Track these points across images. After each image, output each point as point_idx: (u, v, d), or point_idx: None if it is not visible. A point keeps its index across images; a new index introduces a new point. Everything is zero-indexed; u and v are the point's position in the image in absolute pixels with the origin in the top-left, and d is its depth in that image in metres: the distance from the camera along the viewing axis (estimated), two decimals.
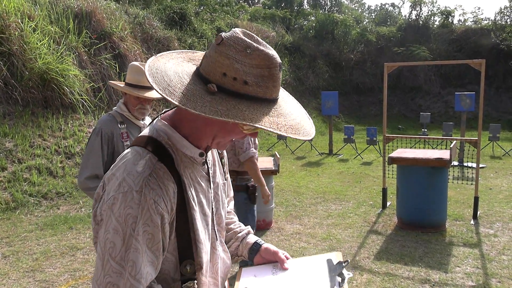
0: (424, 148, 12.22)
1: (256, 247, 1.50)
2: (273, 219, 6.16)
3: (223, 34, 1.12)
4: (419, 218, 5.66)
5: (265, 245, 1.50)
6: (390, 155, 5.86)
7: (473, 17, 27.38)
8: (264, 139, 14.30)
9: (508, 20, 22.14)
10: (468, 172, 9.51)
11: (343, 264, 1.38)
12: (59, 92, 8.61)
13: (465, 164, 10.48)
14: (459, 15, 43.29)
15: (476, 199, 6.22)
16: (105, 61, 10.32)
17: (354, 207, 6.94)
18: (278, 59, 1.12)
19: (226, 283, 1.49)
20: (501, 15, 22.43)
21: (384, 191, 6.81)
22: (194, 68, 1.18)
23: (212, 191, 1.32)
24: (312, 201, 7.36)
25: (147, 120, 3.04)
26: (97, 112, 9.38)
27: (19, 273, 4.43)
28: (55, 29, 9.44)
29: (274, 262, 1.47)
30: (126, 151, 1.20)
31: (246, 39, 1.10)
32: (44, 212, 6.55)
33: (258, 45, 1.10)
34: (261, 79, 1.09)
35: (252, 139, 3.88)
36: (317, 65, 21.17)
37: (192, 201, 1.20)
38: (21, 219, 6.16)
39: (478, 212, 6.33)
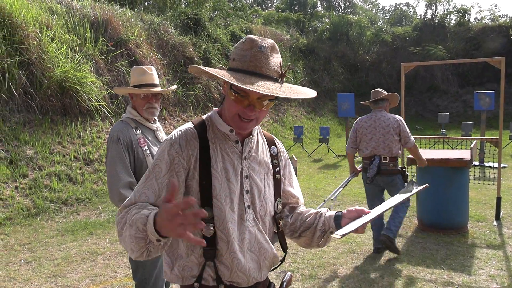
0: (443, 148, 12.03)
1: (339, 213, 1.64)
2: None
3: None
4: (440, 219, 5.55)
5: (345, 210, 1.64)
6: (409, 155, 5.77)
7: (490, 15, 26.94)
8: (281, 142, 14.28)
9: None
10: (489, 172, 9.34)
11: (413, 180, 1.67)
12: (77, 99, 8.73)
13: (485, 164, 10.29)
14: (476, 13, 42.69)
15: (499, 200, 6.10)
16: (122, 68, 10.44)
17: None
18: (263, 43, 1.44)
19: (288, 277, 1.72)
20: None
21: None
22: None
23: (244, 167, 1.55)
24: (330, 203, 7.30)
25: (159, 124, 3.01)
26: (115, 118, 9.48)
27: (41, 278, 4.49)
28: (73, 37, 9.59)
29: (359, 216, 1.59)
30: None
31: (253, 36, 1.47)
32: (65, 218, 6.64)
33: (254, 37, 1.45)
34: (244, 56, 1.43)
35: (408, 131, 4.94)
36: (332, 67, 21.08)
37: (214, 162, 1.49)
38: (42, 225, 6.25)
39: (501, 213, 6.21)
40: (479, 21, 25.87)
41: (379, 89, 5.22)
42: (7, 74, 7.77)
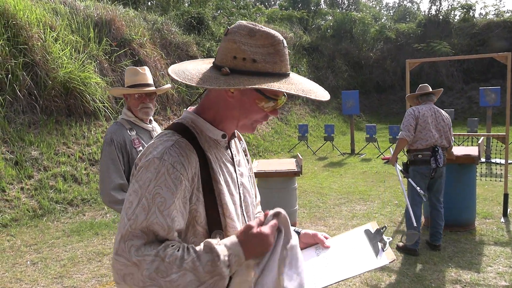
0: None
1: (296, 233, 1.52)
2: (297, 221, 6.10)
3: (230, 26, 1.26)
4: (447, 217, 5.38)
5: (304, 230, 1.53)
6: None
7: (494, 10, 26.77)
8: (285, 140, 14.26)
9: None
10: (496, 169, 9.27)
11: (382, 230, 1.43)
12: (81, 100, 8.74)
13: (492, 160, 10.22)
14: (480, 8, 42.49)
15: (506, 196, 6.05)
16: (126, 68, 10.43)
17: (379, 207, 6.83)
18: (281, 37, 1.24)
19: None
20: None
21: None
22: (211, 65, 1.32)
23: (237, 176, 1.39)
24: (336, 201, 7.27)
25: (155, 124, 3.01)
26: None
27: (47, 279, 4.49)
28: (76, 38, 9.60)
29: (315, 244, 1.49)
30: (155, 136, 1.31)
31: (248, 24, 1.23)
32: (70, 218, 6.65)
33: (260, 28, 1.22)
34: (267, 56, 1.21)
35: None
36: (336, 64, 21.02)
37: (219, 176, 1.28)
38: (48, 226, 6.26)
39: (509, 210, 6.15)
40: (483, 16, 25.74)
41: (427, 85, 5.21)
42: (11, 75, 7.79)
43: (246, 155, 1.55)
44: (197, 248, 1.14)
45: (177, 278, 1.08)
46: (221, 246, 1.15)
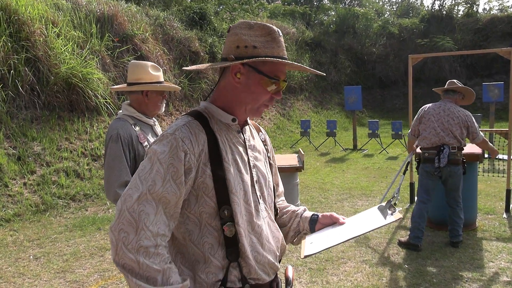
0: None
1: (314, 217, 1.65)
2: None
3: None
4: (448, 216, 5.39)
5: (323, 213, 1.65)
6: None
7: (498, 5, 26.60)
8: (288, 136, 14.25)
9: None
10: (498, 164, 9.24)
11: (391, 200, 1.62)
12: (83, 95, 8.74)
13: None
14: (484, 3, 42.19)
15: (508, 192, 6.04)
16: (128, 64, 10.43)
17: (380, 202, 6.82)
18: (276, 28, 1.42)
19: (291, 271, 1.71)
20: None
21: (411, 185, 6.67)
22: None
23: (250, 157, 1.51)
24: (338, 197, 7.27)
25: (154, 118, 2.98)
26: None
27: (50, 274, 4.51)
28: (78, 33, 9.59)
29: (333, 224, 1.62)
30: None
31: (246, 20, 1.42)
32: (73, 213, 6.67)
33: (257, 22, 1.40)
34: (266, 43, 1.39)
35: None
36: (339, 60, 20.95)
37: (225, 155, 1.40)
38: (50, 221, 6.29)
39: (511, 205, 6.14)
40: (487, 12, 25.55)
41: (455, 81, 5.10)
42: (13, 71, 7.79)
43: (266, 145, 1.69)
44: (174, 274, 1.29)
45: (135, 280, 1.24)
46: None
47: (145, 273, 1.23)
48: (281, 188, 1.78)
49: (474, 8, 23.56)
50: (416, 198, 4.88)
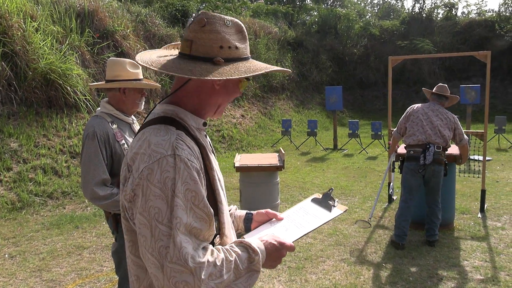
0: None
1: (249, 215, 1.59)
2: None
3: (199, 16, 1.27)
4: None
5: (257, 211, 1.59)
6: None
7: (476, 9, 27.16)
8: (269, 135, 14.29)
9: None
10: (474, 165, 9.45)
11: (329, 192, 1.57)
12: (62, 91, 8.61)
13: (471, 157, 10.41)
14: (463, 7, 42.97)
15: (483, 192, 6.17)
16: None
17: (360, 202, 6.91)
18: (240, 22, 1.34)
19: None
20: (505, 6, 22.23)
21: (389, 185, 6.77)
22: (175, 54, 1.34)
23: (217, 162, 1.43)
24: None
25: (133, 117, 2.96)
26: None
27: (26, 273, 4.44)
28: (58, 28, 9.43)
29: (269, 220, 1.56)
30: (139, 133, 1.27)
31: (215, 14, 1.28)
32: (50, 211, 6.56)
33: (225, 16, 1.30)
34: (240, 41, 1.31)
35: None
36: (321, 60, 21.09)
37: (210, 163, 1.32)
38: (27, 219, 6.18)
39: (485, 205, 6.29)
40: (466, 15, 26.06)
41: (446, 86, 5.15)
42: None
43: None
44: (233, 248, 1.25)
45: (225, 278, 1.17)
46: (255, 245, 1.27)
47: (225, 285, 1.17)
48: None
49: (453, 12, 24.01)
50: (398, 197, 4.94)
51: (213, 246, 1.26)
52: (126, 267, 2.72)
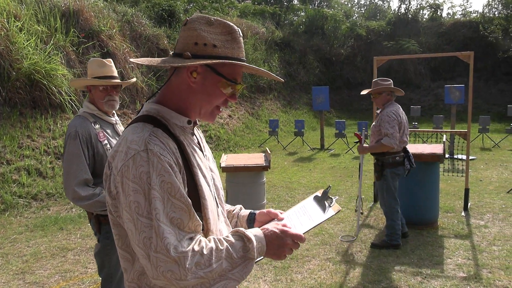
0: (415, 141, 12.27)
1: (251, 216, 1.60)
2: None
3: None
4: (412, 216, 5.50)
5: (259, 211, 1.60)
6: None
7: (462, 10, 27.52)
8: (256, 135, 14.30)
9: (496, 13, 22.27)
10: (458, 164, 9.57)
11: (327, 191, 1.57)
12: (47, 92, 8.52)
13: (455, 156, 10.54)
14: (448, 8, 43.59)
15: (467, 191, 6.25)
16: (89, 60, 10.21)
17: (346, 201, 6.96)
18: (236, 27, 1.34)
19: None
20: (489, 7, 22.56)
21: (375, 184, 6.82)
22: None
23: (206, 160, 1.45)
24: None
25: (117, 117, 2.95)
26: None
27: (8, 275, 4.38)
28: (42, 28, 9.33)
29: (271, 220, 1.54)
30: (123, 131, 1.31)
31: (205, 15, 1.31)
32: (34, 213, 6.49)
33: (217, 18, 1.31)
34: (226, 42, 1.30)
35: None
36: (308, 60, 21.16)
37: (192, 159, 1.33)
38: (10, 221, 6.10)
39: (469, 204, 6.37)
40: (451, 16, 26.38)
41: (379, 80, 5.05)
42: None
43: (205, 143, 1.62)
44: (228, 237, 1.26)
45: (215, 267, 1.19)
46: (250, 232, 1.28)
47: (218, 274, 1.20)
48: None
49: (438, 13, 24.29)
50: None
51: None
52: (109, 269, 2.71)
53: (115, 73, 2.85)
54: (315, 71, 21.23)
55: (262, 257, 1.31)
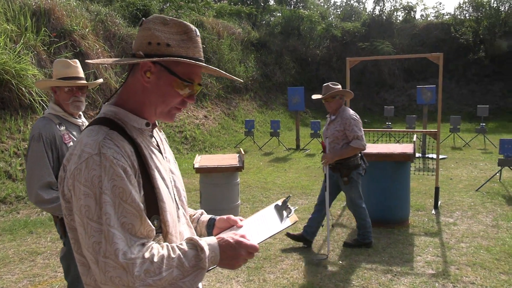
0: (388, 141, 12.48)
1: (211, 221, 1.58)
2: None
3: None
4: (383, 215, 5.58)
5: (219, 216, 1.57)
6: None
7: (435, 12, 28.12)
8: (232, 135, 14.28)
9: (467, 15, 22.82)
10: (430, 164, 9.76)
11: (287, 200, 1.56)
12: (17, 92, 8.32)
13: (427, 155, 10.76)
14: (421, 10, 44.37)
15: (437, 190, 6.39)
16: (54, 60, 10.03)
17: None
18: (193, 27, 1.32)
19: None
20: (460, 10, 23.09)
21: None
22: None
23: (166, 163, 1.43)
24: (279, 196, 7.38)
25: (84, 119, 2.91)
26: None
27: None
28: (12, 27, 9.12)
29: (230, 227, 1.54)
30: (80, 134, 1.30)
31: (161, 15, 1.30)
32: (3, 217, 6.33)
33: (172, 18, 1.29)
34: (181, 42, 1.29)
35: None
36: (284, 61, 21.26)
37: (150, 162, 1.31)
38: None
39: (439, 202, 6.51)
40: (424, 18, 26.90)
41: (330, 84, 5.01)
42: None
43: (166, 145, 1.60)
44: (181, 245, 1.24)
45: (165, 275, 1.17)
46: (203, 241, 1.26)
47: (168, 282, 1.17)
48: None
49: (412, 14, 24.73)
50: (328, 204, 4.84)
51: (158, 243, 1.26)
52: (75, 272, 2.67)
53: (81, 74, 2.81)
54: (291, 71, 21.35)
55: (215, 266, 1.30)
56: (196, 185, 7.93)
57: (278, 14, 26.40)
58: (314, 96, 5.12)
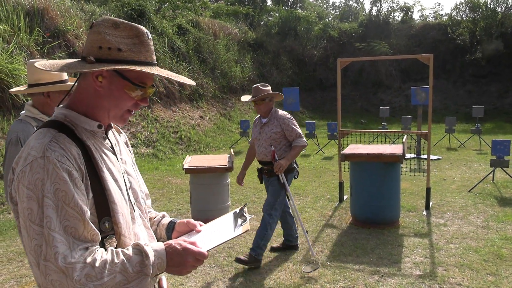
0: (383, 141, 12.48)
1: (171, 225, 1.58)
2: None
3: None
4: (373, 216, 5.58)
5: (179, 220, 1.58)
6: (343, 151, 5.85)
7: (433, 13, 28.12)
8: (227, 136, 14.27)
9: (464, 16, 22.84)
10: (423, 164, 9.76)
11: (243, 208, 1.58)
12: (10, 92, 8.29)
13: (421, 156, 10.76)
14: (418, 11, 44.51)
15: (428, 190, 6.39)
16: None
17: (312, 201, 7.01)
18: (145, 29, 1.32)
19: (165, 282, 1.58)
20: (457, 10, 23.11)
21: (341, 185, 6.90)
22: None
23: (121, 164, 1.43)
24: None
25: None
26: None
27: None
28: (5, 27, 9.10)
29: (190, 231, 1.54)
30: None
31: (112, 18, 1.29)
32: None
33: (123, 21, 1.29)
34: (133, 46, 1.28)
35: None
36: (281, 61, 21.26)
37: (101, 164, 1.30)
38: None
39: (431, 203, 6.51)
40: (423, 19, 26.93)
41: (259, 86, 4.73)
42: None
43: (128, 146, 1.60)
44: (126, 250, 1.24)
45: (107, 280, 1.16)
46: (149, 247, 1.25)
47: (111, 287, 1.17)
48: (146, 190, 1.65)
49: (409, 15, 24.74)
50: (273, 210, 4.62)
51: (104, 246, 1.26)
52: None
53: (65, 76, 2.79)
54: (288, 72, 21.35)
55: (162, 271, 1.29)
56: (188, 185, 7.92)
57: (275, 15, 26.41)
58: (244, 98, 4.85)
